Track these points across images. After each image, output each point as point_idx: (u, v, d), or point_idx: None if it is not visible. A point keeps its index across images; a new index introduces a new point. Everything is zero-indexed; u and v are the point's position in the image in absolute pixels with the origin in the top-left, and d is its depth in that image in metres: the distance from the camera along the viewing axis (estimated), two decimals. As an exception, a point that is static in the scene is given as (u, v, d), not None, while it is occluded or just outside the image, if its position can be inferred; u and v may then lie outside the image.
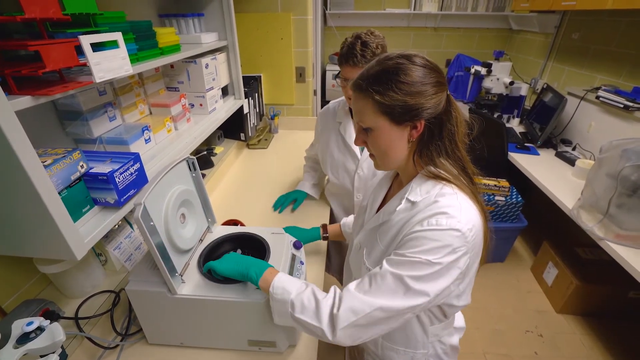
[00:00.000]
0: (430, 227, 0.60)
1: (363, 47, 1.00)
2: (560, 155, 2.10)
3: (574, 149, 2.20)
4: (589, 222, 1.47)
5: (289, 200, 1.44)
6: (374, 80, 0.62)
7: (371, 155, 0.72)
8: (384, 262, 0.63)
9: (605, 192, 1.39)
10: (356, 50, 1.01)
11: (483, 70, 2.70)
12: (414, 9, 3.13)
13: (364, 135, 0.69)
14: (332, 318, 0.63)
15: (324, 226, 1.14)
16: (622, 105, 1.81)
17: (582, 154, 2.11)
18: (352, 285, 0.65)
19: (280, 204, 1.43)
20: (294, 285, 0.69)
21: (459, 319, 0.87)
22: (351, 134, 1.22)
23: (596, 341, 1.82)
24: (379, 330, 0.63)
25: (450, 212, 0.60)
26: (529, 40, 2.97)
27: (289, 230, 1.06)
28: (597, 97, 1.99)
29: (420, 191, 0.66)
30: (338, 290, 0.67)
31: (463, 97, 3.15)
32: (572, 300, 1.92)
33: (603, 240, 1.40)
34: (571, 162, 1.99)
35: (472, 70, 2.79)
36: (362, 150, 1.21)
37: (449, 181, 0.64)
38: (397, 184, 0.81)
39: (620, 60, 2.05)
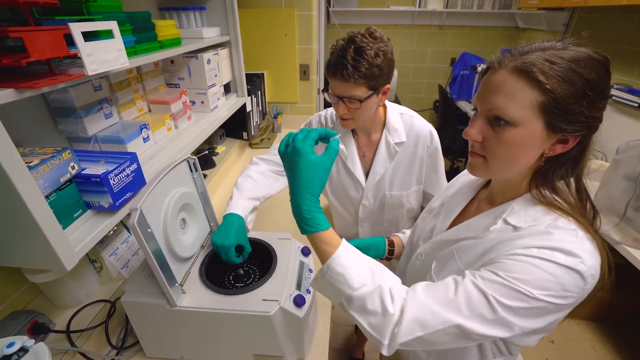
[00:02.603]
0: (542, 256, 0.48)
1: (356, 56, 0.82)
2: (571, 156, 2.04)
3: (584, 149, 2.14)
4: (604, 226, 1.41)
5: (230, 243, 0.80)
6: (554, 67, 0.46)
7: (474, 154, 0.56)
8: (467, 273, 0.52)
9: (622, 195, 1.34)
10: (347, 60, 0.82)
11: (490, 69, 2.64)
12: (419, 7, 3.08)
13: (487, 129, 0.53)
14: (394, 335, 0.52)
15: (391, 242, 0.87)
16: (636, 105, 1.76)
17: (594, 154, 2.05)
18: (420, 288, 0.54)
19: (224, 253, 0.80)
20: (358, 272, 0.54)
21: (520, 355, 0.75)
22: (353, 156, 1.05)
23: (608, 347, 1.77)
24: (435, 347, 0.53)
25: (571, 249, 0.47)
26: (536, 38, 2.91)
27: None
28: (610, 96, 1.93)
29: (525, 216, 0.55)
30: (403, 293, 0.54)
31: (468, 96, 3.10)
32: (583, 306, 1.84)
33: (620, 244, 1.35)
34: (582, 163, 1.93)
35: (479, 69, 2.74)
36: (366, 177, 1.06)
37: (565, 212, 0.52)
38: (484, 196, 0.68)
39: (632, 59, 1.99)
